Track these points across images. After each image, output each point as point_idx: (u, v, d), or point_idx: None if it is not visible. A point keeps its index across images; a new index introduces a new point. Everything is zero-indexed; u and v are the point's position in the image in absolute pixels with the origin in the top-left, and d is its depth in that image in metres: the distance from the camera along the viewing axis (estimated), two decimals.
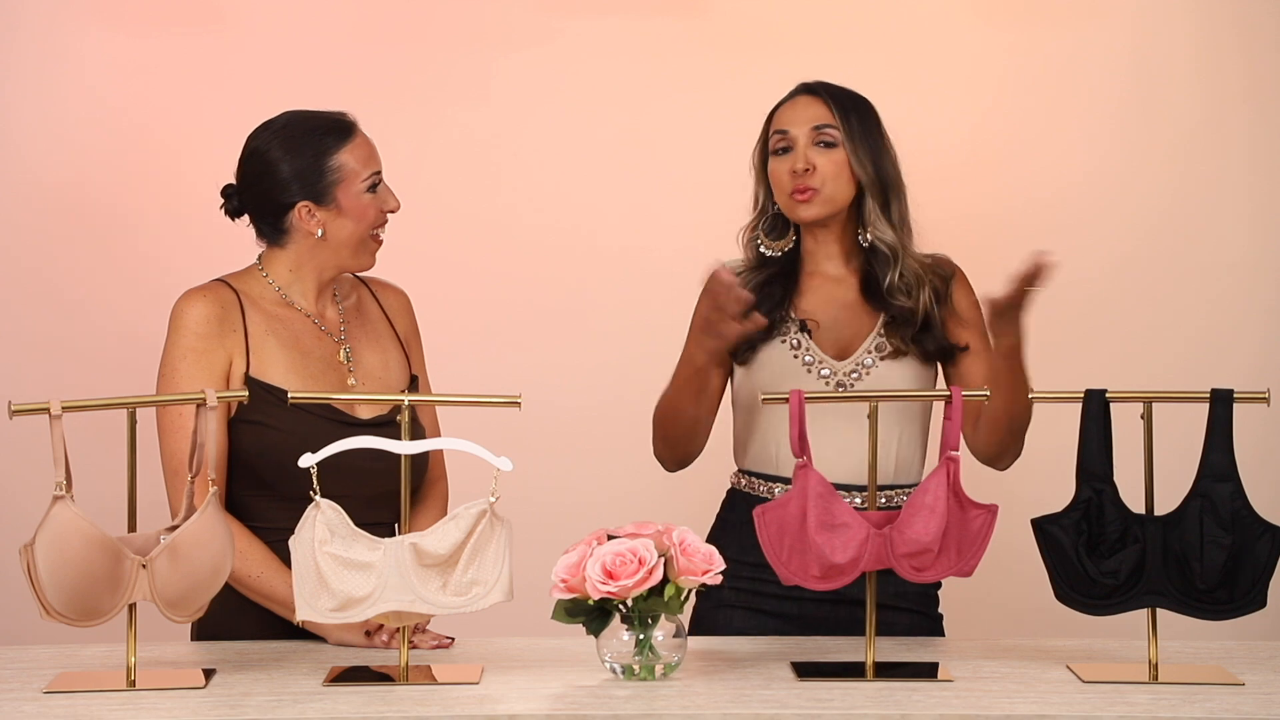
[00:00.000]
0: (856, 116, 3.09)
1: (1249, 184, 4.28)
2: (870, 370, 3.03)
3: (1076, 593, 2.67)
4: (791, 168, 3.06)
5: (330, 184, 2.97)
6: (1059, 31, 4.28)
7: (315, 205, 2.97)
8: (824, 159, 3.06)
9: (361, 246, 3.01)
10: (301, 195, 2.97)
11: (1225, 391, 2.66)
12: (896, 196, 3.11)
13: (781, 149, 3.08)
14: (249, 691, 2.58)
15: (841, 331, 3.08)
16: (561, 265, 4.30)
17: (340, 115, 3.03)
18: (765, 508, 2.66)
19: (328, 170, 2.97)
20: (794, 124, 3.08)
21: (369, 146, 3.02)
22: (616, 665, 2.62)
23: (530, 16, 4.29)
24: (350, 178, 2.98)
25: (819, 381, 3.03)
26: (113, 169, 4.26)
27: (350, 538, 2.59)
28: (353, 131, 3.01)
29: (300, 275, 3.02)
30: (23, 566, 2.49)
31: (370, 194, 2.99)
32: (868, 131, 3.09)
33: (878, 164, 3.08)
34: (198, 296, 2.97)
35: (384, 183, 3.02)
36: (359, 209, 2.98)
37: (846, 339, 3.07)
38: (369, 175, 2.99)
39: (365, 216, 2.99)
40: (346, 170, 2.98)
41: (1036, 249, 2.82)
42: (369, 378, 3.04)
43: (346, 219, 2.98)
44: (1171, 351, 4.23)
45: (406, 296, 3.17)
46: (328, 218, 2.98)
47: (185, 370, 2.91)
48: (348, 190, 2.98)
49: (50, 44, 4.25)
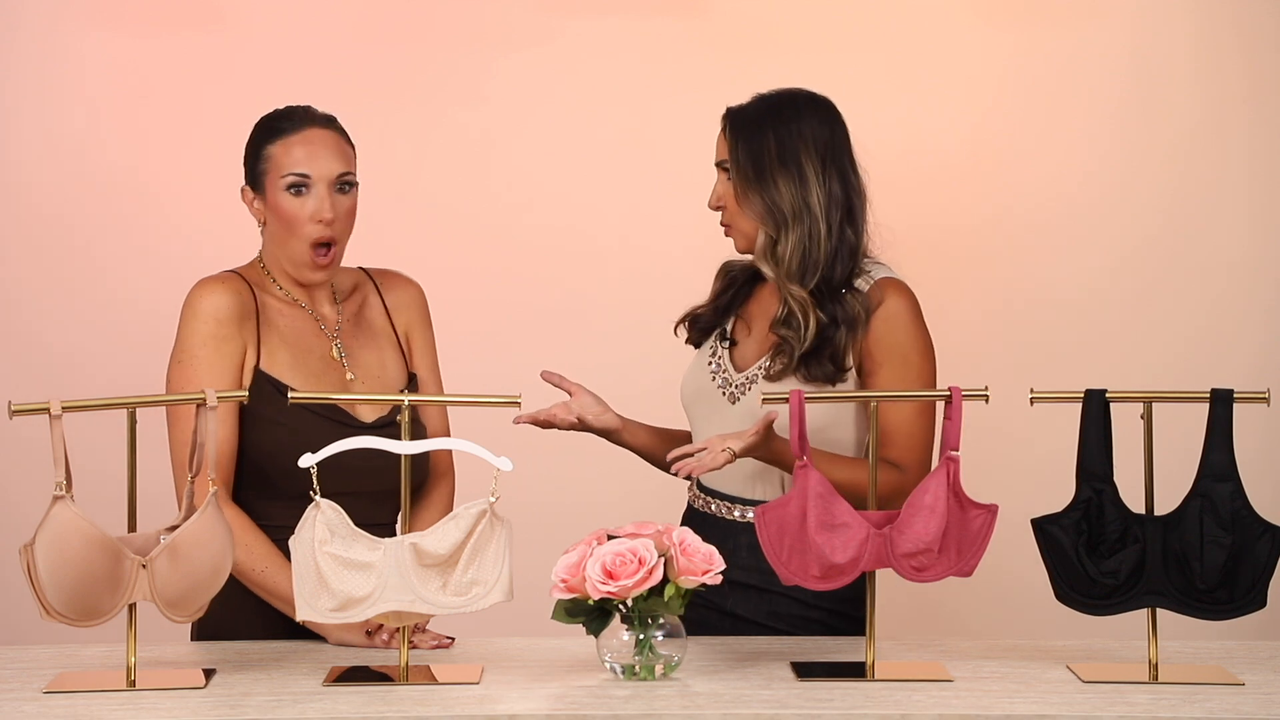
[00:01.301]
0: (748, 141, 2.99)
1: (1249, 184, 4.28)
2: (753, 384, 3.01)
3: (1076, 593, 2.67)
4: (712, 201, 3.06)
5: (260, 172, 2.97)
6: (1059, 31, 4.28)
7: (252, 190, 2.98)
8: (723, 190, 3.03)
9: (300, 255, 2.95)
10: (246, 178, 2.99)
11: (1225, 391, 2.66)
12: (786, 230, 2.97)
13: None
14: (249, 691, 2.58)
15: (760, 345, 3.06)
16: (561, 265, 4.30)
17: (306, 110, 2.99)
18: (765, 508, 2.66)
19: (260, 158, 2.97)
20: (717, 153, 3.06)
21: (308, 147, 2.94)
22: (616, 665, 2.62)
23: (530, 16, 4.29)
24: (273, 171, 2.95)
25: (717, 390, 3.05)
26: (112, 169, 4.27)
27: (350, 538, 2.59)
28: (296, 127, 2.96)
29: (275, 272, 3.01)
30: (23, 566, 2.49)
31: (292, 194, 2.94)
32: (758, 157, 2.98)
33: (761, 192, 2.98)
34: (215, 284, 2.96)
35: (322, 188, 2.93)
36: (279, 207, 2.95)
37: (755, 354, 3.06)
38: (292, 174, 2.93)
39: (284, 217, 2.94)
40: (272, 162, 2.95)
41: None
42: (367, 378, 3.03)
43: (273, 215, 2.96)
44: (1171, 351, 4.23)
45: (417, 287, 3.13)
46: (264, 208, 2.97)
47: (205, 357, 2.90)
48: (272, 184, 2.95)
49: (50, 45, 4.25)
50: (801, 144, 2.99)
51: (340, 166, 2.95)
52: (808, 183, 2.98)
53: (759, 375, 3.02)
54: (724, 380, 3.05)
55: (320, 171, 2.94)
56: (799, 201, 2.98)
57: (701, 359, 3.10)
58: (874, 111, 4.05)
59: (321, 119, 2.99)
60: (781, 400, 2.71)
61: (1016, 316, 4.29)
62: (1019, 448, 4.11)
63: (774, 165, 2.98)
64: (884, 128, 3.94)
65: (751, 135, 3.00)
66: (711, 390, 3.05)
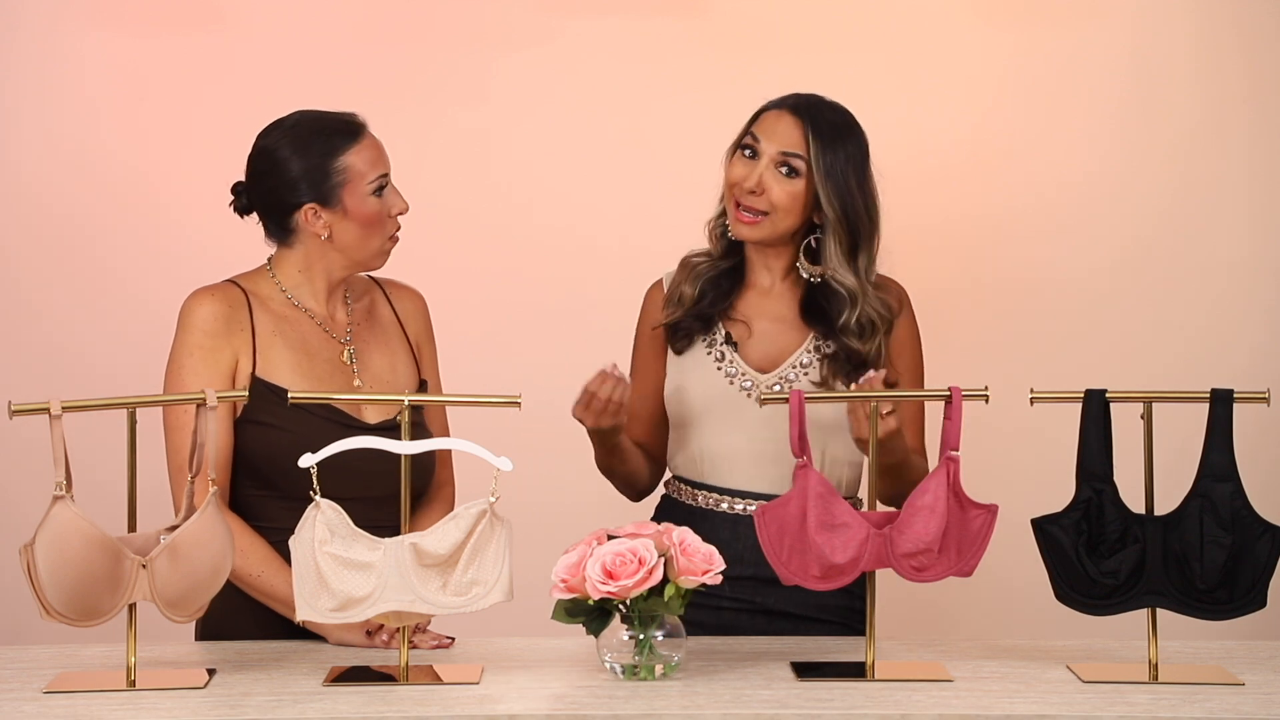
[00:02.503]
0: (836, 150, 2.99)
1: (1249, 184, 4.28)
2: (791, 385, 3.01)
3: (1076, 593, 2.67)
4: (744, 178, 3.00)
5: (335, 185, 2.96)
6: (1059, 31, 4.28)
7: (321, 207, 2.96)
8: (780, 186, 2.99)
9: (372, 249, 3.00)
10: (308, 196, 2.96)
11: (1225, 391, 2.66)
12: (866, 240, 3.01)
13: (747, 152, 3.02)
14: (249, 691, 2.58)
15: (770, 345, 3.06)
16: (561, 265, 4.30)
17: (350, 116, 3.02)
18: (765, 507, 2.66)
19: (333, 171, 2.96)
20: (766, 137, 3.01)
21: (377, 149, 3.00)
22: (616, 665, 2.62)
23: (530, 16, 4.29)
24: (356, 180, 2.97)
25: (741, 394, 3.03)
26: (112, 169, 4.26)
27: (350, 538, 2.59)
28: (361, 133, 3.00)
29: (310, 276, 3.02)
30: (23, 566, 2.49)
31: (376, 197, 2.98)
32: (846, 168, 2.99)
33: (847, 204, 2.99)
34: (206, 295, 2.97)
35: (391, 185, 3.01)
36: (364, 212, 2.97)
37: (774, 353, 3.05)
38: (375, 178, 2.98)
39: (370, 219, 2.98)
40: (352, 172, 2.97)
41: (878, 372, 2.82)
42: (376, 381, 3.04)
43: (352, 222, 2.97)
44: (1171, 351, 4.23)
45: (422, 299, 3.17)
46: (333, 220, 2.97)
47: (192, 367, 2.92)
48: (353, 192, 2.97)
49: (50, 45, 4.25)
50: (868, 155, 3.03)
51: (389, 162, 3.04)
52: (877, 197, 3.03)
53: (796, 376, 3.01)
54: (747, 383, 3.03)
55: (388, 169, 3.02)
56: (875, 213, 3.02)
57: (701, 365, 3.06)
58: (874, 111, 4.03)
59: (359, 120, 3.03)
60: (781, 400, 2.71)
61: (1016, 316, 4.28)
62: (1019, 448, 4.10)
63: (866, 173, 3.01)
64: (884, 128, 3.92)
65: (843, 135, 3.01)
66: (730, 394, 3.03)
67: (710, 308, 3.07)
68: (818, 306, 3.04)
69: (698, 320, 3.07)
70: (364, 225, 2.98)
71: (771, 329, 3.07)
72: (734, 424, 3.02)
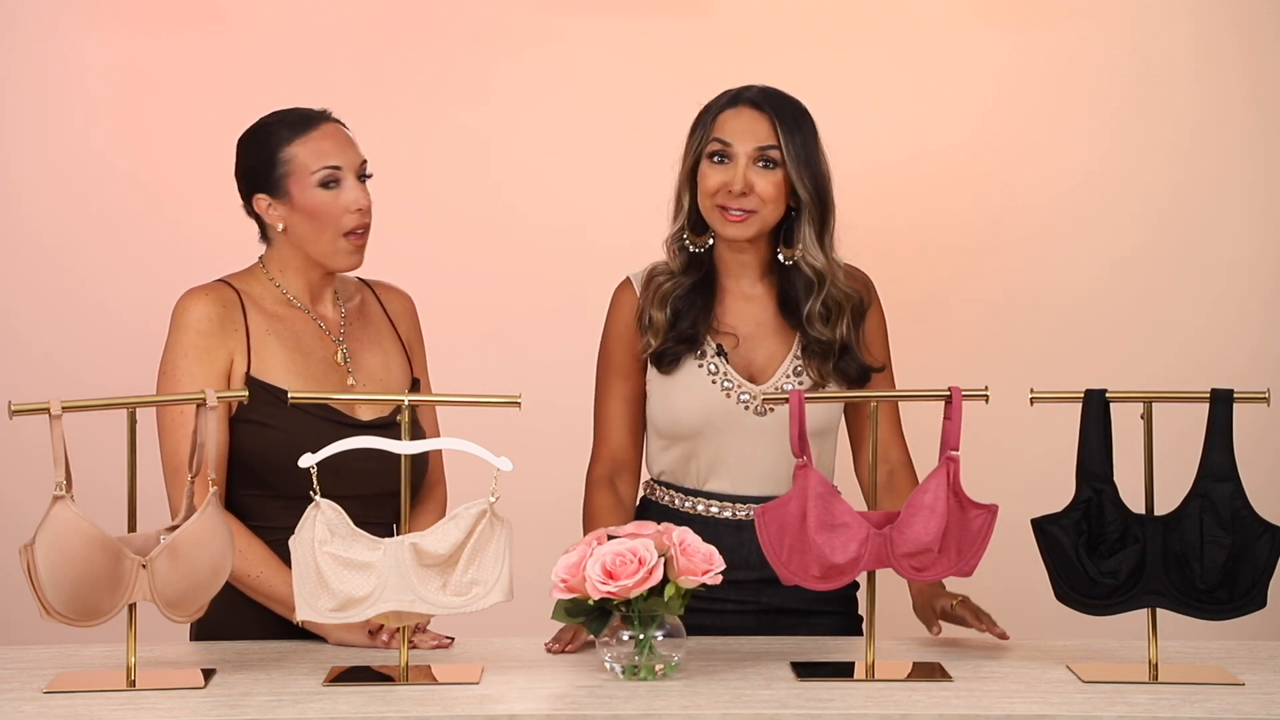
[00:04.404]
0: (799, 134, 3.00)
1: (1249, 184, 4.28)
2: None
3: (1076, 593, 2.67)
4: (727, 183, 2.99)
5: (281, 176, 2.96)
6: (1059, 31, 4.28)
7: (271, 198, 2.97)
8: (763, 180, 2.99)
9: (332, 246, 2.97)
10: (258, 186, 2.98)
11: (1225, 391, 2.66)
12: (830, 216, 3.03)
13: (718, 158, 3.01)
14: (249, 691, 2.58)
15: (756, 351, 3.05)
16: (561, 265, 4.30)
17: (310, 110, 3.00)
18: (765, 508, 2.66)
19: (279, 162, 2.96)
20: (736, 138, 3.01)
21: (332, 140, 2.97)
22: (616, 665, 2.62)
23: (530, 17, 4.29)
24: (299, 171, 2.96)
25: (739, 405, 3.02)
26: (112, 169, 4.26)
27: (350, 538, 2.59)
28: (313, 124, 2.98)
29: (287, 275, 3.02)
30: (23, 566, 2.49)
31: (324, 189, 2.95)
32: (810, 148, 3.01)
33: (819, 184, 3.01)
34: (199, 295, 2.97)
35: (352, 179, 2.97)
36: (309, 204, 2.96)
37: (762, 361, 3.05)
38: (321, 169, 2.95)
39: (315, 211, 2.96)
40: (296, 163, 2.96)
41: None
42: (370, 380, 3.04)
43: (300, 214, 2.96)
44: (1171, 351, 4.23)
45: (411, 300, 3.17)
46: (286, 212, 2.97)
47: (186, 368, 2.92)
48: (298, 183, 2.96)
49: (50, 45, 4.24)
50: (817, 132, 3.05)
51: (359, 155, 3.00)
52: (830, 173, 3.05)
53: (790, 384, 3.01)
54: (744, 395, 3.02)
55: (349, 162, 2.98)
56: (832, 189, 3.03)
57: (694, 379, 3.03)
58: (874, 112, 4.06)
59: (329, 115, 3.01)
60: (781, 400, 2.71)
61: (1016, 316, 4.28)
62: (1019, 448, 4.10)
63: (821, 150, 3.02)
64: (884, 128, 3.95)
65: (800, 119, 3.02)
66: (729, 408, 3.01)
67: (693, 327, 3.03)
68: (793, 303, 3.04)
69: (682, 343, 3.03)
70: (310, 218, 2.96)
71: (756, 334, 3.06)
72: (735, 434, 3.01)
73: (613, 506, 3.03)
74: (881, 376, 3.08)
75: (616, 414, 3.08)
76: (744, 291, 3.08)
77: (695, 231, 3.07)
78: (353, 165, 2.98)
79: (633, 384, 3.08)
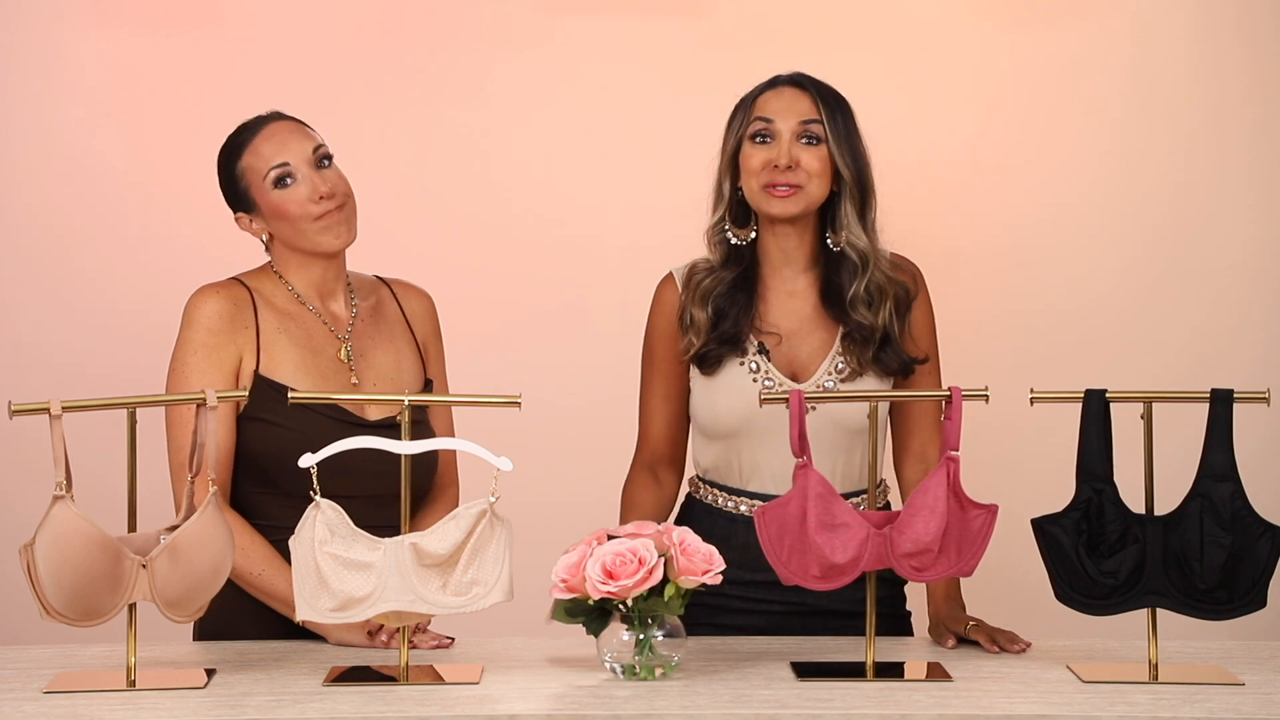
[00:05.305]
0: (840, 113, 3.02)
1: (1249, 184, 4.28)
2: (831, 394, 2.99)
3: (1076, 593, 2.67)
4: (772, 159, 2.98)
5: (244, 190, 2.99)
6: (1059, 31, 4.28)
7: (247, 213, 3.00)
8: (808, 155, 2.99)
9: (311, 236, 2.97)
10: (234, 206, 3.02)
11: (1225, 391, 2.66)
12: (872, 199, 3.04)
13: (761, 137, 3.00)
14: (249, 691, 2.58)
15: (799, 349, 3.04)
16: (561, 265, 4.30)
17: (255, 117, 3.02)
18: (765, 507, 2.66)
19: (237, 178, 2.99)
20: (779, 115, 3.00)
21: (274, 140, 2.98)
22: (616, 665, 2.62)
23: (529, 17, 4.29)
24: (255, 179, 2.97)
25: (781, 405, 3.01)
26: (112, 169, 4.27)
27: (350, 538, 2.59)
28: (256, 130, 2.99)
29: (291, 276, 3.02)
30: (23, 566, 2.49)
31: (280, 188, 2.96)
32: (850, 129, 3.02)
33: (859, 164, 3.01)
34: (211, 293, 2.98)
35: (305, 169, 2.96)
36: (274, 205, 2.97)
37: (804, 358, 3.03)
38: (270, 170, 2.95)
39: (281, 212, 2.97)
40: (251, 172, 2.98)
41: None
42: (380, 379, 3.03)
43: (272, 218, 2.98)
44: (1171, 351, 4.23)
45: (430, 300, 3.16)
46: (262, 222, 2.99)
47: (195, 365, 2.92)
48: (259, 190, 2.97)
49: (50, 45, 4.25)
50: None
51: (310, 143, 2.99)
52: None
53: (834, 384, 3.00)
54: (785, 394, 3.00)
55: (295, 155, 2.97)
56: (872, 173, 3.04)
57: (737, 379, 3.01)
58: (874, 112, 4.03)
59: (276, 114, 3.02)
60: (781, 400, 2.71)
61: (1017, 316, 4.29)
62: (1019, 448, 4.10)
63: (860, 134, 3.03)
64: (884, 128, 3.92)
65: (839, 100, 3.03)
66: (771, 408, 2.94)
67: (735, 327, 3.01)
68: (837, 292, 3.03)
69: (725, 344, 3.01)
70: (280, 218, 2.97)
71: (800, 330, 3.04)
72: (777, 434, 2.96)
73: (649, 495, 3.05)
74: (927, 369, 3.06)
75: (658, 410, 3.08)
76: (786, 287, 3.06)
77: (737, 223, 3.06)
78: (303, 156, 2.97)
79: (675, 381, 3.07)
